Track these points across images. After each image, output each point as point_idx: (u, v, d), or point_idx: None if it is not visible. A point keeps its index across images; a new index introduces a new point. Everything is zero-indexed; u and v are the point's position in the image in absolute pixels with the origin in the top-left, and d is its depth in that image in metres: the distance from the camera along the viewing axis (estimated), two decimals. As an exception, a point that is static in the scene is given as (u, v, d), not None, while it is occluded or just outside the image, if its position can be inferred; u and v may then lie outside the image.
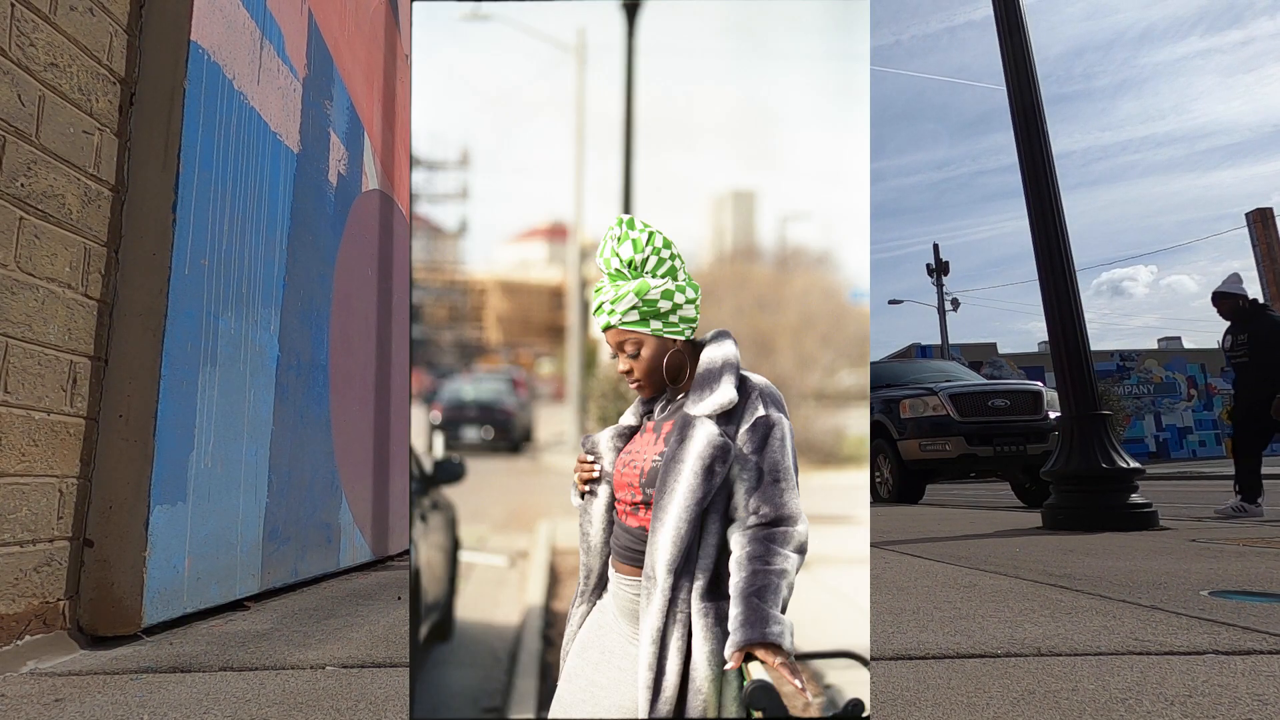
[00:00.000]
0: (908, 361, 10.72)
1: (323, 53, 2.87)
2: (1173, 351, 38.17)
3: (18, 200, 1.57)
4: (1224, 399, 36.55)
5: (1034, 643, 1.50)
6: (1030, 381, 8.22)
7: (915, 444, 7.61)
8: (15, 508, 1.54)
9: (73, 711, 1.21)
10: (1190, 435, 36.34)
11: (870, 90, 0.98)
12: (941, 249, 27.66)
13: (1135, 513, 4.17)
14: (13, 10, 1.57)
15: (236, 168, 2.17)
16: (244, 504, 2.16)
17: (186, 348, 1.90)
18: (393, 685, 1.32)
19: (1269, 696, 1.14)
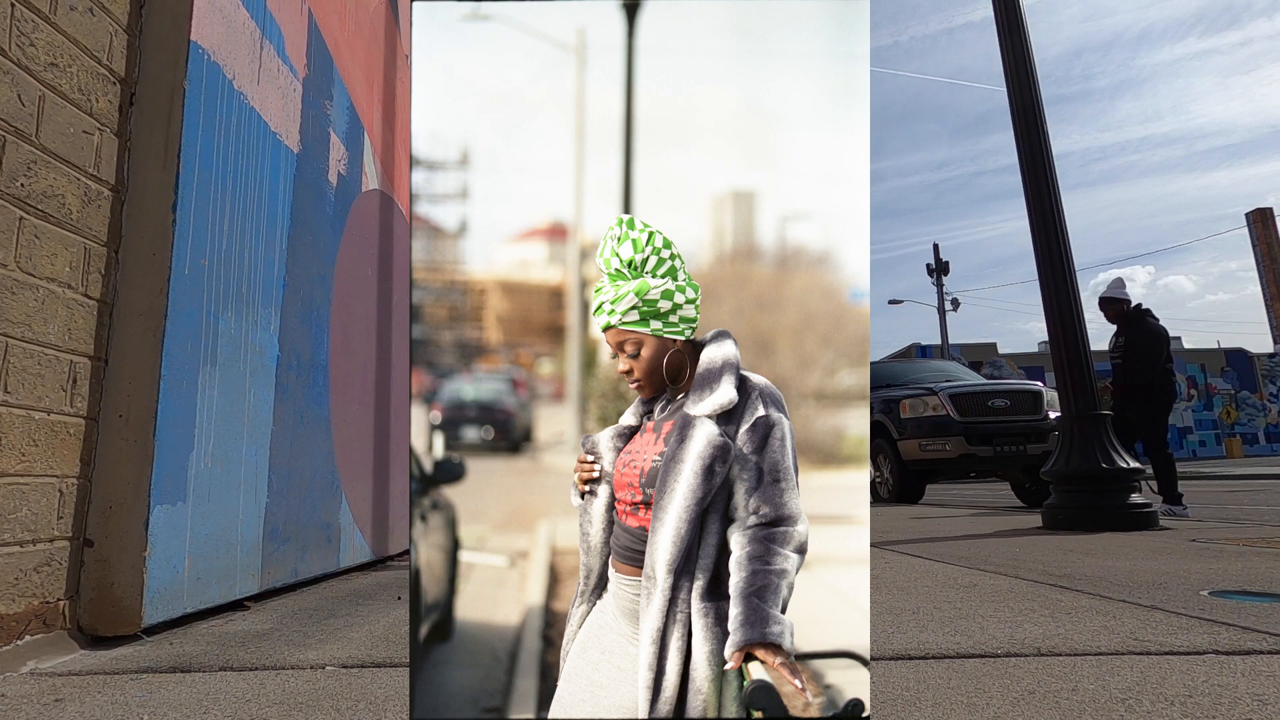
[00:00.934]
0: (908, 361, 10.71)
1: (323, 53, 2.87)
2: (1173, 351, 38.16)
3: (18, 200, 1.57)
4: (1224, 399, 36.61)
5: (1034, 643, 1.50)
6: (1030, 381, 8.21)
7: (915, 444, 7.61)
8: (15, 508, 1.54)
9: (73, 711, 1.21)
10: (1190, 435, 36.35)
11: (869, 91, 0.98)
12: (941, 249, 27.66)
13: (1135, 513, 4.17)
14: (13, 10, 1.57)
15: (236, 168, 2.17)
16: (244, 504, 2.16)
17: (186, 348, 1.90)
18: (393, 685, 1.32)
19: (1269, 696, 1.14)
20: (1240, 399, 37.26)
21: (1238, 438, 36.11)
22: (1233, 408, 36.51)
